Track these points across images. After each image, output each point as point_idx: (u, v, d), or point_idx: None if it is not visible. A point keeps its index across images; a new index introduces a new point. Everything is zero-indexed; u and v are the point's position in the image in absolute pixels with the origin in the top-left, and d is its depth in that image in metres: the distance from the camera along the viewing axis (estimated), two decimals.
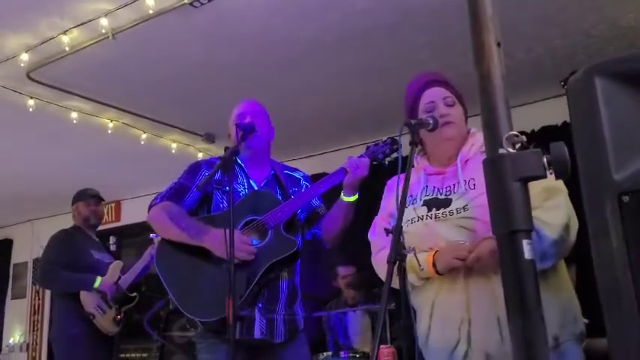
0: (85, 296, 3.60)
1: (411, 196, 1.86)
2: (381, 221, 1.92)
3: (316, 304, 4.31)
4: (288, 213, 2.24)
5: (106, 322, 3.66)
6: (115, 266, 3.81)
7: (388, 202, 1.93)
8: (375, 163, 2.26)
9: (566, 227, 1.63)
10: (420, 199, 1.82)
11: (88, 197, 4.01)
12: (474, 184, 1.74)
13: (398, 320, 1.69)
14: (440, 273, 1.70)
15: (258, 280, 2.16)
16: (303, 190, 2.44)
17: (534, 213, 1.62)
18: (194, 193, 2.32)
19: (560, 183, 1.69)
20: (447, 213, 1.73)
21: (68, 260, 3.67)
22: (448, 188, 1.80)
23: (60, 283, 3.70)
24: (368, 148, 2.31)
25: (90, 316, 3.59)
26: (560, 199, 1.67)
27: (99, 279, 3.65)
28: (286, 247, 2.21)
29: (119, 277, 3.79)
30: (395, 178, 1.69)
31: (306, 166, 5.05)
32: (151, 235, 3.90)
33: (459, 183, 1.78)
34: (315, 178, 2.57)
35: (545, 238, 1.59)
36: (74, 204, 3.99)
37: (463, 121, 1.87)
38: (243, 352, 2.16)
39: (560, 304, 1.68)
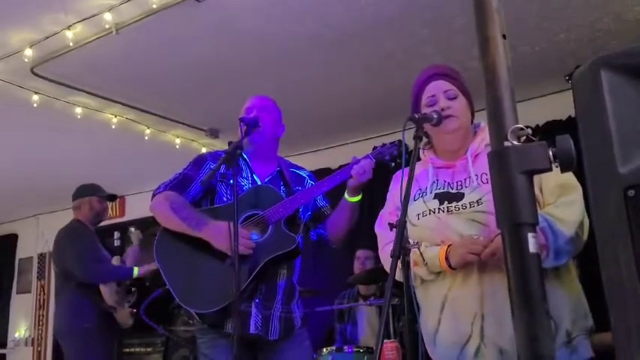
0: (105, 290, 3.61)
1: (420, 189, 1.86)
2: (388, 215, 1.91)
3: (322, 297, 4.32)
4: (289, 209, 2.23)
5: (124, 315, 3.69)
6: (116, 262, 3.85)
7: (394, 195, 1.93)
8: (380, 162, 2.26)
9: (581, 224, 1.62)
10: (431, 192, 1.81)
11: (104, 194, 3.99)
12: (487, 179, 1.72)
13: (403, 315, 1.67)
14: (453, 268, 1.68)
15: (255, 274, 2.15)
16: (310, 183, 2.44)
17: (548, 209, 1.64)
18: (198, 185, 2.31)
19: (576, 180, 1.68)
20: (460, 206, 1.72)
21: (94, 253, 3.69)
22: (459, 183, 1.79)
23: (105, 274, 3.68)
24: (375, 148, 2.30)
25: (111, 309, 3.59)
26: (575, 196, 1.66)
27: (136, 268, 3.68)
28: (286, 244, 2.20)
29: None
30: (401, 171, 1.68)
31: (310, 161, 5.06)
32: (130, 229, 4.00)
33: (470, 177, 1.77)
34: (318, 174, 2.57)
35: (560, 234, 1.58)
36: (85, 197, 3.92)
37: (466, 114, 1.86)
38: (244, 347, 2.16)
39: (572, 300, 1.68)
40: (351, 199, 2.27)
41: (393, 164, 2.25)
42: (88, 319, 3.58)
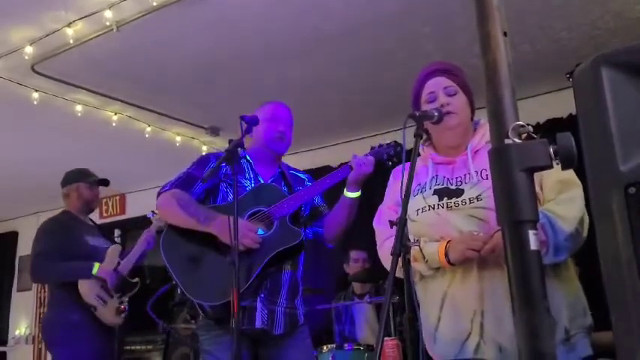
0: (83, 286, 3.32)
1: (419, 184, 1.85)
2: (387, 210, 1.91)
3: (321, 297, 4.32)
4: (294, 205, 2.28)
5: (108, 313, 3.39)
6: (113, 251, 3.49)
7: (394, 190, 1.92)
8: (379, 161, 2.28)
9: (581, 221, 1.62)
10: (430, 188, 1.81)
11: (93, 180, 3.68)
12: (487, 175, 1.73)
13: (403, 313, 1.67)
14: (452, 263, 1.68)
15: (261, 269, 2.18)
16: (308, 184, 2.46)
17: (548, 205, 1.64)
18: (201, 184, 2.34)
19: (576, 177, 1.68)
20: (460, 202, 1.72)
21: (61, 250, 3.36)
22: (459, 179, 1.79)
23: (53, 274, 3.40)
24: (372, 148, 2.33)
25: (91, 307, 3.31)
26: (575, 193, 1.65)
27: (96, 265, 3.36)
28: (291, 238, 2.23)
29: (118, 263, 3.47)
30: (401, 166, 1.67)
31: (310, 159, 5.07)
32: (148, 214, 3.54)
33: (469, 173, 1.77)
34: (318, 172, 2.59)
35: (560, 231, 1.58)
36: (72, 184, 3.62)
37: (466, 110, 1.86)
38: (246, 343, 2.18)
39: (570, 297, 1.68)
40: (350, 194, 2.29)
41: (390, 163, 2.27)
42: (74, 312, 3.33)
